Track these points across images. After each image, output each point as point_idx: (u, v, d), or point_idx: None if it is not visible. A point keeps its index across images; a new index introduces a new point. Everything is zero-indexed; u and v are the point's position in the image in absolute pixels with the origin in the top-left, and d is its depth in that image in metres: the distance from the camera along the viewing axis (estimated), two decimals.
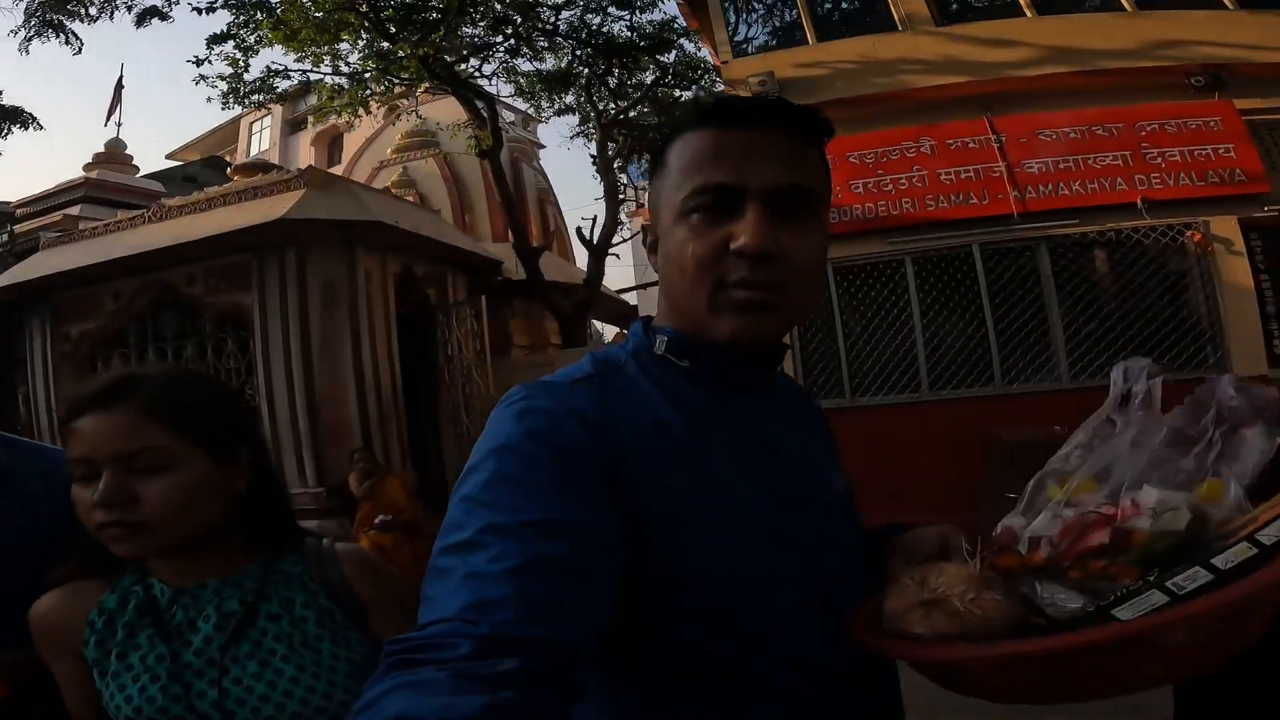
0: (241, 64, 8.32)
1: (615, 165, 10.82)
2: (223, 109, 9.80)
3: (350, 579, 0.94)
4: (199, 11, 8.00)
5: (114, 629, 0.87)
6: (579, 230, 10.20)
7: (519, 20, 9.23)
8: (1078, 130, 5.60)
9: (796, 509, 0.70)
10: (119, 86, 13.73)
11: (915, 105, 5.90)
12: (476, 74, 9.85)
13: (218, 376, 1.12)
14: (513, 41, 9.65)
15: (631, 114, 10.82)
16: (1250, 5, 5.79)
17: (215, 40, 8.21)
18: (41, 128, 10.75)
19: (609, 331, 19.34)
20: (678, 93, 10.65)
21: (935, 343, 5.67)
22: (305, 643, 0.89)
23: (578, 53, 10.12)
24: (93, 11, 8.91)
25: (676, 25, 9.81)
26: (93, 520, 0.82)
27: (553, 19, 9.62)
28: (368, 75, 9.02)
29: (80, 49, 9.43)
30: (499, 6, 9.13)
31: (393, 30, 8.54)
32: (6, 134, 10.34)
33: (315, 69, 8.96)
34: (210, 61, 8.32)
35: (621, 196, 11.13)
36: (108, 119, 13.57)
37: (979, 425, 5.19)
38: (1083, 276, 5.61)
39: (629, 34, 9.83)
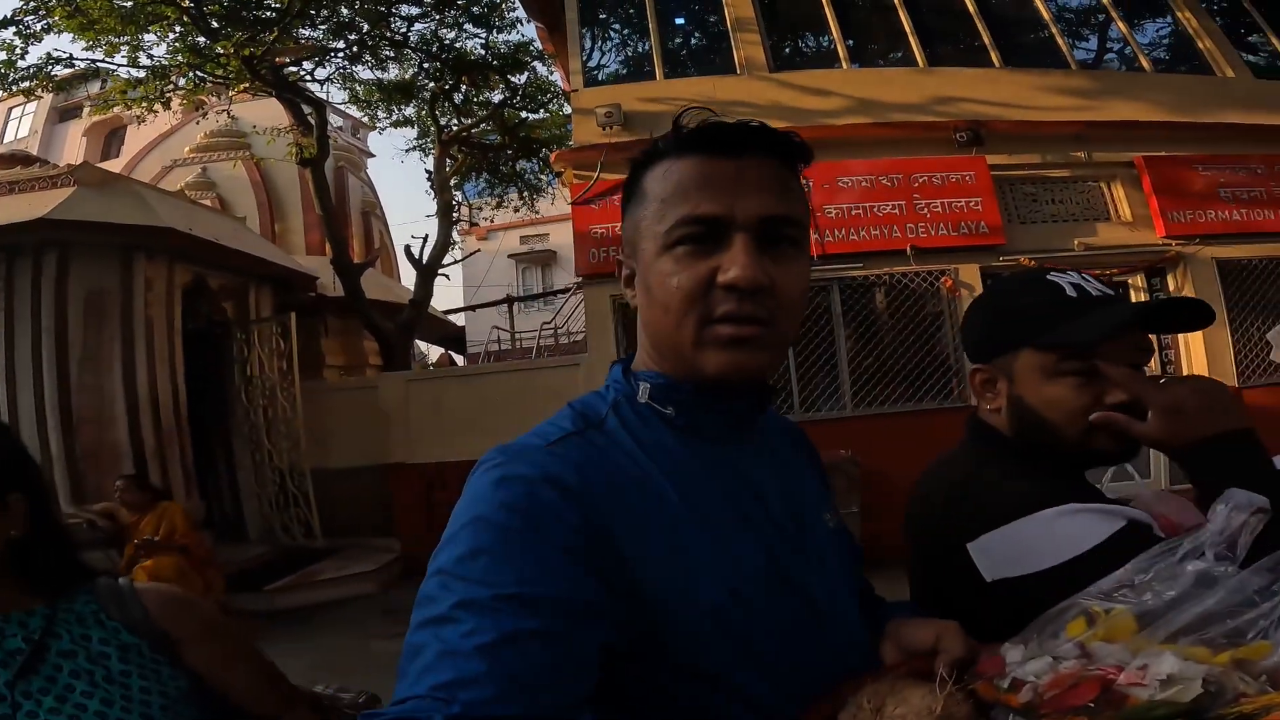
0: (19, 51, 7.14)
1: (452, 183, 10.53)
2: None
3: (155, 616, 0.95)
4: None
5: None
6: (407, 249, 9.76)
7: (366, 28, 8.77)
8: (868, 179, 6.19)
9: (790, 556, 0.68)
10: None
11: None
12: (308, 78, 9.20)
13: None
14: (355, 49, 9.14)
15: (474, 131, 10.62)
16: (1011, 63, 6.73)
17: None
18: None
19: (434, 353, 18.60)
20: (524, 114, 10.63)
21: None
22: (110, 678, 0.90)
23: (425, 65, 9.81)
24: None
25: (532, 48, 9.83)
26: None
27: (404, 30, 9.26)
28: (173, 70, 8.11)
29: None
30: (345, 11, 8.63)
31: (215, 25, 7.80)
32: None
33: (107, 59, 7.91)
34: None
35: (456, 216, 10.83)
36: None
37: (827, 447, 5.56)
38: (865, 316, 6.18)
39: (483, 52, 9.70)
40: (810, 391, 6.01)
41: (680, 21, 7.27)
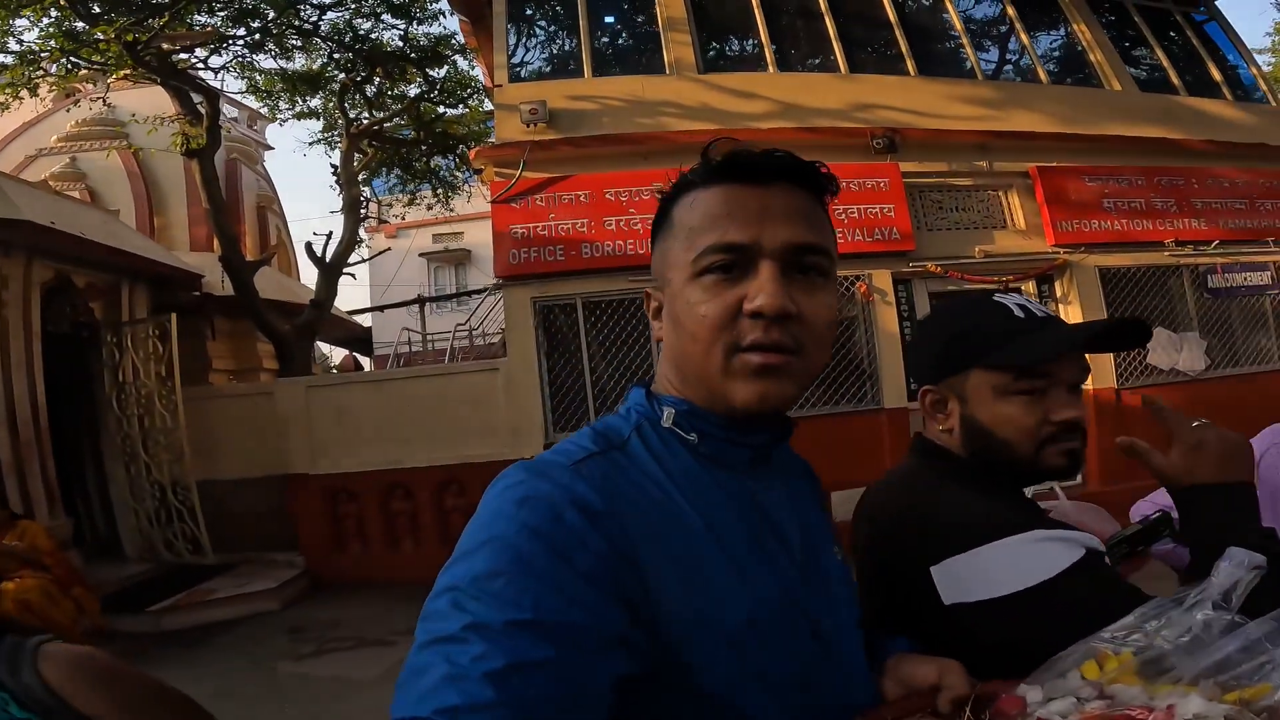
0: None
1: (360, 178, 10.00)
2: None
3: (56, 685, 0.84)
4: None
5: None
6: (309, 245, 9.14)
7: (271, 15, 8.13)
8: None
9: (801, 587, 0.68)
10: None
11: (670, 148, 6.13)
12: (202, 65, 8.48)
13: None
14: (258, 36, 8.47)
15: (387, 125, 10.11)
16: (926, 72, 6.97)
17: None
18: None
19: (337, 354, 17.67)
20: (441, 109, 10.21)
21: None
22: None
23: (335, 56, 9.25)
24: None
25: (454, 41, 9.44)
26: None
27: (315, 18, 8.66)
28: (44, 55, 7.27)
29: None
30: None
31: (96, 10, 7.02)
32: None
33: None
34: None
35: (364, 212, 10.27)
36: None
37: None
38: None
39: (400, 44, 9.22)
40: None
41: (610, 20, 7.16)
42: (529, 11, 7.06)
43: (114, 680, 0.88)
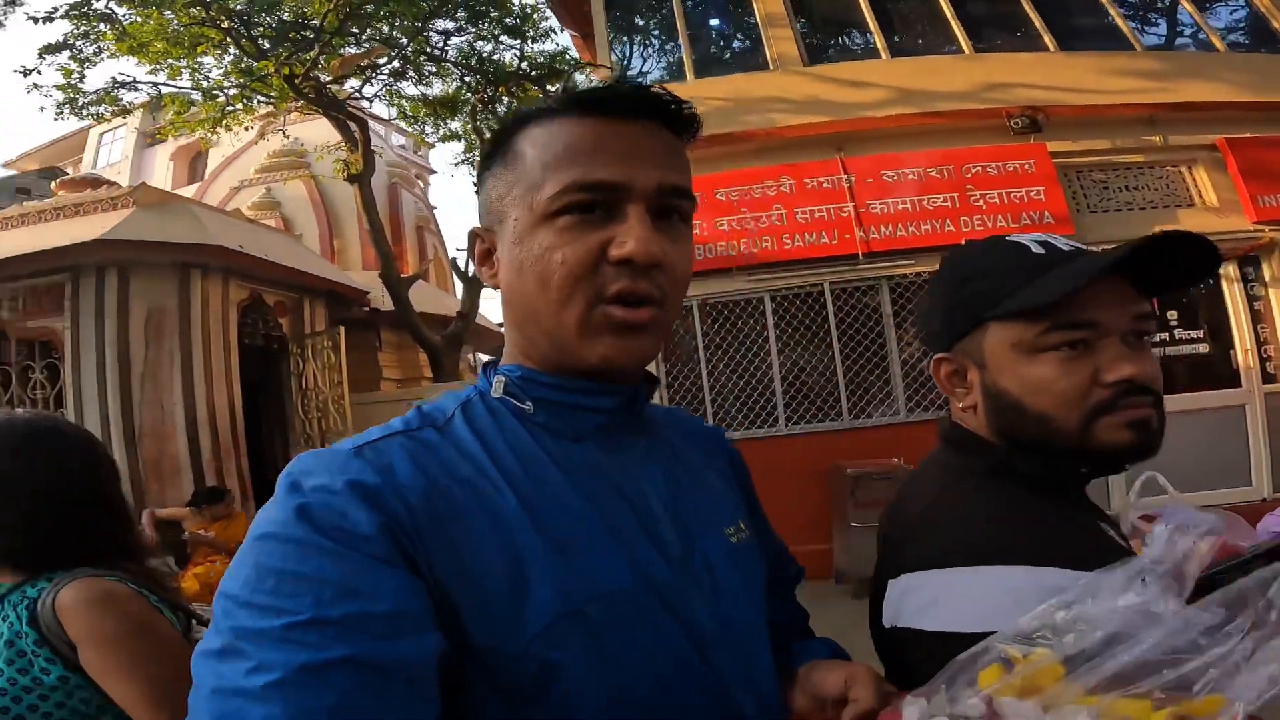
0: (76, 75, 7.57)
1: None
2: (56, 119, 8.98)
3: (60, 613, 0.95)
4: (35, 21, 7.21)
5: None
6: (454, 261, 9.89)
7: (405, 43, 8.98)
8: (915, 172, 5.85)
9: (668, 574, 0.58)
10: None
11: (779, 144, 6.00)
12: (357, 95, 9.47)
13: (36, 430, 1.11)
14: (398, 64, 9.37)
15: None
16: (1068, 47, 6.32)
17: (49, 50, 7.43)
18: None
19: None
20: None
21: (791, 378, 5.76)
22: None
23: (465, 79, 9.97)
24: None
25: (569, 56, 9.85)
26: None
27: (441, 44, 9.44)
28: (232, 91, 8.48)
29: None
30: (385, 29, 8.85)
31: (266, 46, 8.09)
32: None
33: (171, 82, 8.32)
34: (40, 72, 7.54)
35: None
36: None
37: (829, 459, 5.28)
38: (917, 316, 5.84)
39: (519, 63, 9.79)
40: (860, 397, 5.70)
41: (708, 22, 7.14)
42: (630, 19, 7.15)
43: (98, 610, 0.95)
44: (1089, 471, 0.71)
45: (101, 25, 7.48)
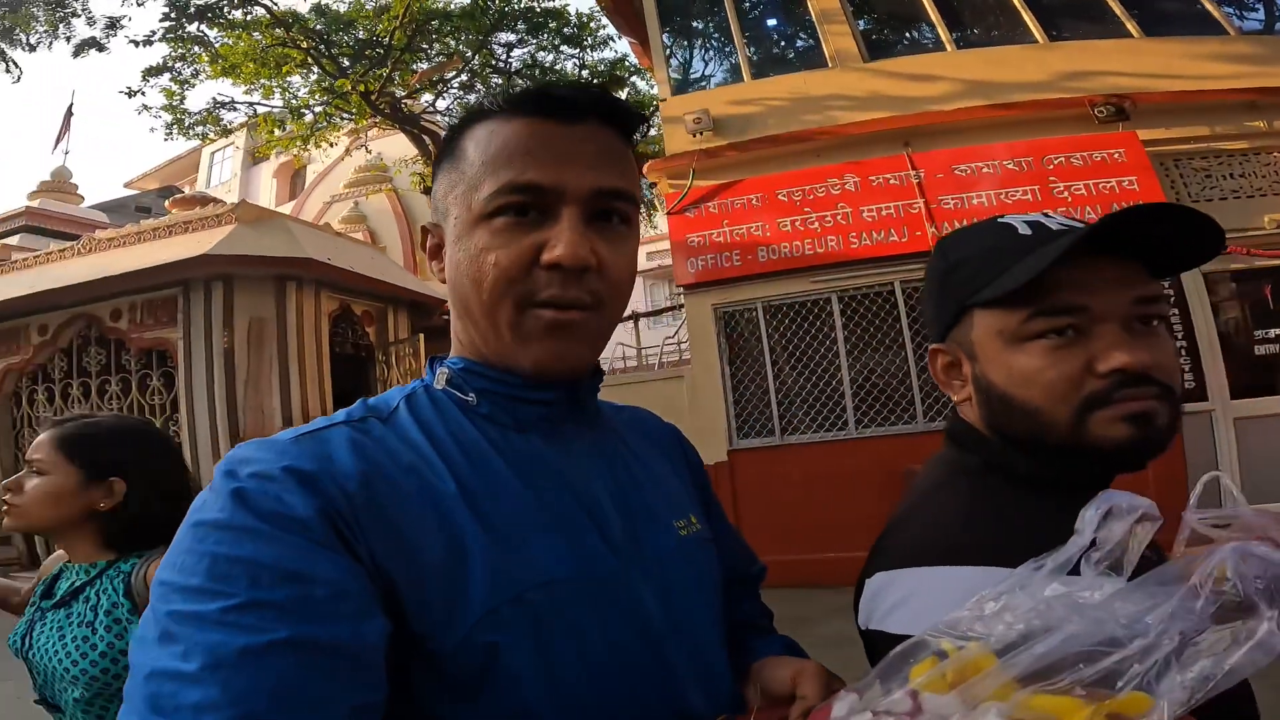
0: (178, 96, 8.27)
1: None
2: (165, 140, 9.80)
3: (149, 581, 1.12)
4: (136, 44, 7.95)
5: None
6: None
7: (471, 56, 9.33)
8: (990, 165, 5.63)
9: (614, 565, 0.58)
10: (69, 114, 13.70)
11: (842, 141, 5.91)
12: (431, 109, 9.90)
13: (145, 429, 1.34)
14: (465, 77, 9.75)
15: None
16: (1154, 33, 5.94)
17: (151, 73, 8.16)
18: None
19: None
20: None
21: (860, 380, 5.64)
22: (91, 626, 1.12)
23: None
24: (32, 40, 8.83)
25: (628, 63, 9.99)
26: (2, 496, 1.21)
27: (505, 56, 9.76)
28: (317, 109, 9.04)
29: (19, 77, 9.33)
30: (451, 43, 9.24)
31: (345, 64, 8.57)
32: None
33: (264, 101, 8.95)
34: (144, 93, 8.29)
35: None
36: (55, 146, 13.50)
37: (903, 462, 5.14)
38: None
39: (581, 71, 9.99)
40: (936, 399, 5.52)
41: (763, 22, 7.08)
42: (684, 23, 7.16)
43: None
44: (1102, 470, 0.64)
45: (196, 48, 8.13)
